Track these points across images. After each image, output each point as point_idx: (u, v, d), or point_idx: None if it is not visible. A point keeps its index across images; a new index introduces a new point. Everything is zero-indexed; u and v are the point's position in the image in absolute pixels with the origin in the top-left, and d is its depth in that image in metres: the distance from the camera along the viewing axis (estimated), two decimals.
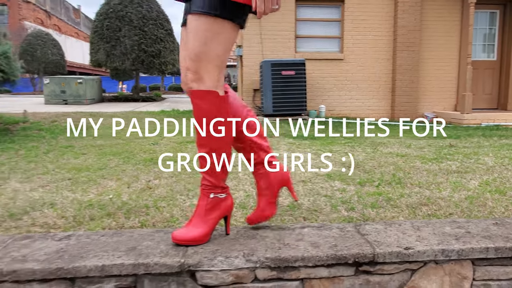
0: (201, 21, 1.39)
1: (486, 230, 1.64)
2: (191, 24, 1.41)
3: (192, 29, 1.41)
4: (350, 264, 1.45)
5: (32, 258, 1.40)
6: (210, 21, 1.40)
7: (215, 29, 1.41)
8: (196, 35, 1.40)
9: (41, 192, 2.77)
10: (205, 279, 1.40)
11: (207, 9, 1.39)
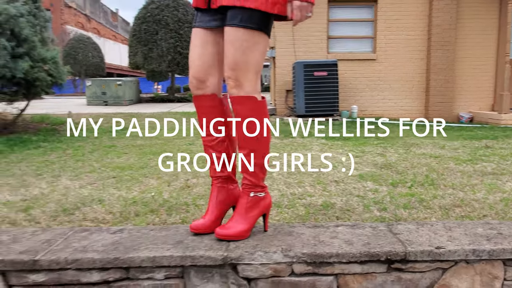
0: (241, 33, 1.51)
1: None
2: (230, 36, 1.53)
3: (231, 40, 1.52)
4: (383, 262, 1.53)
5: (91, 248, 1.57)
6: (249, 33, 1.52)
7: (253, 40, 1.53)
8: (235, 46, 1.52)
9: (89, 189, 2.98)
10: (246, 271, 1.52)
11: (245, 23, 1.51)
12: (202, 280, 1.53)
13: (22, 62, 4.87)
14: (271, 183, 3.20)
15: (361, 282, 1.54)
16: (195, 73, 1.65)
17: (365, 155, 4.38)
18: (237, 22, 1.51)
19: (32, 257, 1.49)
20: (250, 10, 1.50)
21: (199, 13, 1.67)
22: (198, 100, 1.69)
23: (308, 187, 3.10)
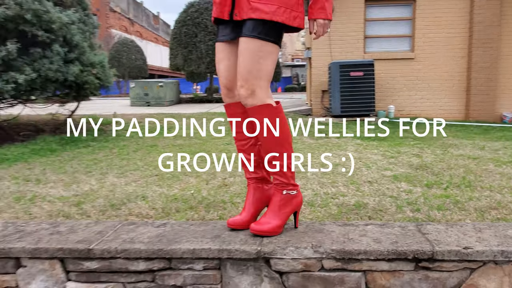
0: (259, 44, 1.61)
1: None
2: (244, 46, 1.63)
3: (245, 50, 1.62)
4: (410, 260, 1.58)
5: (138, 240, 1.73)
6: (263, 44, 1.62)
7: (266, 51, 1.63)
8: (249, 56, 1.62)
9: (134, 186, 3.18)
10: (278, 265, 1.63)
11: (265, 35, 1.61)
12: (238, 272, 1.65)
13: (73, 66, 5.22)
14: (305, 182, 3.26)
15: (389, 279, 1.60)
16: (225, 84, 1.78)
17: (401, 155, 4.35)
18: (256, 33, 1.60)
19: (87, 246, 1.67)
20: (271, 23, 1.60)
21: (221, 27, 1.78)
22: (228, 107, 1.82)
23: (341, 187, 3.15)
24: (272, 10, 1.58)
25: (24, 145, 4.94)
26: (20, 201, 2.86)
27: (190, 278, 1.65)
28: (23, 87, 4.66)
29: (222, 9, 1.68)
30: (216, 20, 1.77)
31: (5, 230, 1.86)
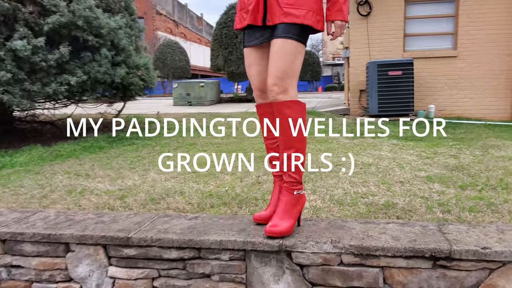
0: (288, 44, 1.71)
1: None
2: (279, 47, 1.72)
3: (281, 51, 1.72)
4: (427, 258, 1.63)
5: (171, 231, 1.89)
6: (295, 45, 1.72)
7: (298, 51, 1.74)
8: (285, 57, 1.71)
9: (173, 182, 3.38)
10: (299, 258, 1.73)
11: (293, 35, 1.71)
12: (261, 263, 1.77)
13: (120, 69, 5.55)
14: (336, 182, 3.31)
15: (406, 275, 1.66)
16: (259, 87, 1.89)
17: (437, 156, 4.27)
18: (291, 35, 1.71)
19: (126, 235, 1.85)
20: (300, 25, 1.70)
21: (248, 32, 1.88)
22: (260, 107, 1.93)
23: (372, 186, 3.18)
24: (302, 14, 1.69)
25: (75, 143, 5.32)
26: (71, 193, 3.13)
27: (218, 267, 1.79)
28: (74, 89, 5.03)
29: (255, 16, 1.78)
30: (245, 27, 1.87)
31: (57, 219, 2.09)
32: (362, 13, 7.91)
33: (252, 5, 1.77)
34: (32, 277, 1.94)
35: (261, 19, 1.79)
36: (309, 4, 1.71)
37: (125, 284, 1.87)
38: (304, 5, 1.69)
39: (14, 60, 4.47)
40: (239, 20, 1.87)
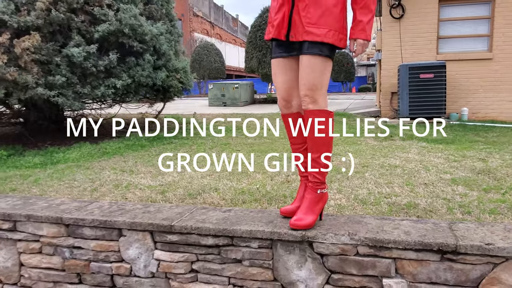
0: (318, 60, 1.92)
1: None
2: (308, 62, 1.93)
3: (309, 66, 1.93)
4: (435, 251, 1.81)
5: (208, 221, 2.16)
6: (321, 60, 1.93)
7: (325, 65, 1.94)
8: (313, 71, 1.93)
9: (208, 179, 3.67)
10: (319, 248, 1.95)
11: (323, 52, 1.92)
12: (286, 251, 2.01)
13: (160, 72, 5.93)
14: (362, 182, 3.48)
15: (416, 267, 1.85)
16: (283, 96, 2.10)
17: (465, 159, 4.32)
18: (317, 51, 1.92)
19: (169, 223, 2.14)
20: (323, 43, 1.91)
21: (276, 45, 2.09)
22: (285, 117, 2.15)
23: (396, 187, 3.32)
24: (323, 33, 1.89)
25: (120, 141, 5.75)
26: (118, 188, 3.49)
27: (248, 253, 2.05)
28: (120, 91, 5.45)
29: (280, 31, 2.00)
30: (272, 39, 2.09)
31: (110, 208, 2.42)
32: (394, 15, 7.95)
33: (277, 20, 1.98)
34: (90, 257, 2.27)
35: (285, 35, 1.98)
36: (331, 24, 1.90)
37: (168, 265, 2.16)
38: (326, 24, 1.89)
39: (68, 66, 4.93)
40: (267, 32, 2.10)
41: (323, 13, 1.89)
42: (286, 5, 1.95)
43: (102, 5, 5.23)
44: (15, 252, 2.39)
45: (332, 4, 1.89)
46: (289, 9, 1.95)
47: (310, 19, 1.89)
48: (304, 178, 2.15)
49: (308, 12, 1.90)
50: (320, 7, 1.89)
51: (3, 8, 4.50)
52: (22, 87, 4.66)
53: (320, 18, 1.89)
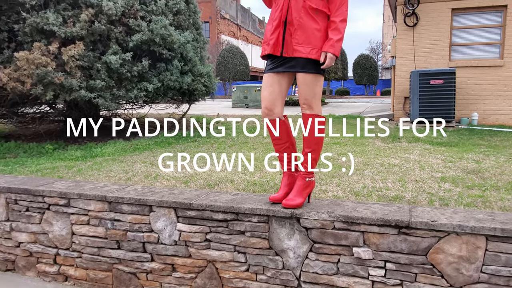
0: (308, 77, 2.45)
1: (510, 220, 2.24)
2: (301, 79, 2.45)
3: (303, 82, 2.45)
4: (393, 226, 2.31)
5: (219, 201, 2.73)
6: (313, 76, 2.45)
7: (315, 80, 2.46)
8: (306, 86, 2.45)
9: (225, 172, 4.24)
10: (304, 223, 2.48)
11: (312, 70, 2.44)
12: (279, 225, 2.55)
13: (187, 77, 6.57)
14: (360, 177, 3.94)
15: (379, 238, 2.35)
16: (267, 105, 2.56)
17: (461, 160, 4.69)
18: (307, 69, 2.44)
19: (189, 202, 2.72)
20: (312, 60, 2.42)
21: (269, 61, 2.57)
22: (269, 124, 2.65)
23: (389, 183, 3.77)
24: (307, 51, 2.42)
25: (149, 138, 6.42)
26: (148, 178, 4.11)
27: (249, 226, 2.60)
28: (151, 94, 6.12)
29: (275, 48, 2.51)
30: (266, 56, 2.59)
31: (143, 190, 3.03)
32: (408, 24, 8.33)
33: (273, 40, 2.49)
34: (127, 228, 2.89)
35: (280, 51, 2.50)
36: (314, 43, 2.41)
37: (187, 235, 2.74)
38: (310, 44, 2.40)
39: (107, 71, 5.62)
40: (263, 50, 2.61)
41: (308, 35, 2.40)
42: (280, 28, 2.47)
43: (136, 17, 5.91)
44: (69, 223, 3.03)
45: (315, 29, 2.41)
46: (282, 32, 2.47)
47: (298, 40, 2.42)
48: (288, 170, 2.66)
49: (296, 34, 2.42)
50: (305, 31, 2.41)
51: (53, 20, 5.23)
52: (68, 90, 5.38)
53: (305, 39, 2.41)
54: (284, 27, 2.44)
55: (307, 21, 2.39)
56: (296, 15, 2.40)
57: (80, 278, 3.05)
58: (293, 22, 2.40)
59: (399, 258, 2.33)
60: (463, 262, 2.23)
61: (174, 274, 2.82)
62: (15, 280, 3.16)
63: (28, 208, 3.09)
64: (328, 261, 2.46)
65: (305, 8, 2.39)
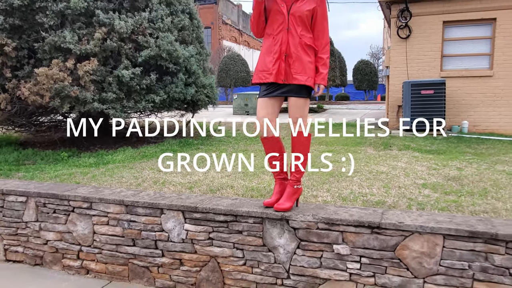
0: (298, 100, 2.89)
1: (466, 221, 2.67)
2: (292, 102, 2.89)
3: (294, 104, 2.89)
4: (367, 227, 2.75)
5: (221, 204, 3.17)
6: (302, 100, 2.90)
7: (304, 103, 2.92)
8: (296, 107, 2.90)
9: (226, 179, 4.68)
10: (292, 224, 2.92)
11: (304, 95, 2.89)
12: (271, 226, 3.00)
13: (190, 88, 7.04)
14: (348, 184, 4.37)
15: (355, 237, 2.79)
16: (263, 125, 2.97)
17: (444, 168, 5.06)
18: (299, 95, 2.89)
19: (195, 205, 3.17)
20: (305, 86, 2.87)
21: (265, 87, 2.97)
22: (265, 140, 3.07)
23: (374, 189, 4.19)
24: (304, 79, 2.87)
25: (155, 146, 6.88)
26: (156, 183, 4.56)
27: (246, 227, 3.05)
28: (157, 105, 6.58)
29: (278, 76, 2.93)
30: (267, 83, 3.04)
31: (155, 195, 3.48)
32: (401, 36, 8.78)
33: (275, 70, 2.91)
34: (141, 228, 3.34)
35: (282, 79, 2.95)
36: (309, 73, 2.87)
37: (193, 234, 3.19)
38: (306, 73, 2.86)
39: (118, 84, 6.10)
40: (263, 78, 2.99)
41: (304, 66, 2.86)
42: (280, 60, 2.89)
43: (145, 34, 6.39)
44: (90, 224, 3.49)
45: (308, 61, 2.87)
46: (282, 63, 2.90)
47: (296, 70, 2.87)
48: (279, 179, 3.10)
49: (295, 65, 2.87)
50: (302, 63, 2.86)
51: (70, 39, 5.71)
52: (82, 102, 5.86)
53: (302, 69, 2.86)
54: (284, 59, 2.87)
55: (303, 54, 2.85)
56: (294, 49, 2.85)
57: (100, 271, 3.51)
58: (292, 55, 2.85)
59: (372, 253, 2.76)
60: (425, 257, 2.66)
61: (182, 268, 3.27)
62: (43, 273, 3.61)
63: (55, 211, 3.55)
64: (312, 256, 2.90)
65: (301, 44, 2.85)
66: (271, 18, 2.89)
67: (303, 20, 2.81)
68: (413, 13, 8.62)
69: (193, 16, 7.48)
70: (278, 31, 2.85)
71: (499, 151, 6.51)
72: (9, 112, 5.87)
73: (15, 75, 5.87)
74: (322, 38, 2.90)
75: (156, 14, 6.49)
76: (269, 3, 2.87)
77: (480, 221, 2.69)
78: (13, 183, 3.99)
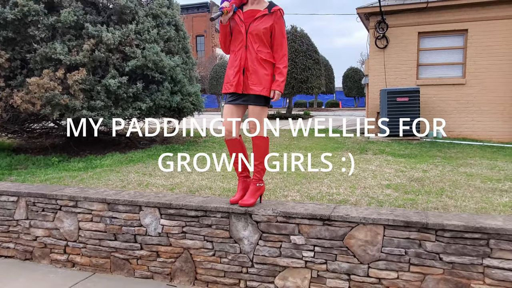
0: (256, 108, 3.27)
1: (404, 214, 3.04)
2: (251, 109, 3.27)
3: (253, 112, 3.27)
4: (319, 219, 3.11)
5: (193, 202, 3.52)
6: (260, 108, 3.28)
7: (262, 110, 3.29)
8: (255, 114, 3.28)
9: (206, 181, 5.03)
10: (255, 217, 3.28)
11: (261, 103, 3.27)
12: (237, 220, 3.35)
13: (176, 96, 7.41)
14: (318, 185, 4.72)
15: (309, 228, 3.15)
16: (228, 129, 3.36)
17: (411, 170, 5.42)
18: (257, 103, 3.27)
19: (170, 202, 3.52)
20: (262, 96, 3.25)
21: (229, 96, 3.36)
22: (228, 142, 3.44)
23: (341, 189, 4.54)
24: (259, 89, 3.25)
25: (142, 151, 7.23)
26: (140, 185, 4.90)
27: (215, 221, 3.40)
28: (144, 112, 6.94)
29: (238, 87, 3.33)
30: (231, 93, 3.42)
31: (134, 194, 3.83)
32: (379, 46, 9.23)
33: (235, 82, 3.31)
34: (122, 223, 3.69)
35: (241, 89, 3.34)
36: (265, 84, 3.25)
37: (168, 228, 3.54)
38: (262, 84, 3.24)
39: (106, 93, 6.46)
40: (227, 88, 3.38)
41: (260, 78, 3.25)
42: (239, 73, 3.29)
43: (132, 45, 6.76)
44: (76, 221, 3.83)
45: (265, 73, 3.25)
46: (241, 76, 3.30)
47: (253, 81, 3.26)
48: (242, 177, 3.47)
49: (252, 77, 3.26)
50: (258, 76, 3.25)
51: (60, 50, 6.07)
52: (72, 110, 6.21)
53: (258, 81, 3.25)
54: (243, 73, 3.26)
55: (259, 68, 3.23)
56: (251, 64, 3.24)
57: (84, 264, 3.84)
58: (249, 69, 3.24)
59: (323, 243, 3.13)
60: (368, 245, 3.03)
61: (158, 259, 3.61)
62: (32, 267, 3.95)
63: (44, 209, 3.89)
64: (273, 246, 3.26)
65: (257, 59, 3.23)
66: (234, 37, 3.28)
67: (260, 37, 3.19)
68: (389, 24, 9.08)
69: (179, 27, 7.88)
70: (238, 47, 3.24)
71: (467, 155, 6.88)
72: (2, 119, 6.20)
73: (8, 85, 6.21)
74: (280, 50, 3.28)
75: (143, 26, 6.87)
76: (232, 23, 3.26)
77: (417, 213, 3.06)
78: (5, 185, 4.33)
